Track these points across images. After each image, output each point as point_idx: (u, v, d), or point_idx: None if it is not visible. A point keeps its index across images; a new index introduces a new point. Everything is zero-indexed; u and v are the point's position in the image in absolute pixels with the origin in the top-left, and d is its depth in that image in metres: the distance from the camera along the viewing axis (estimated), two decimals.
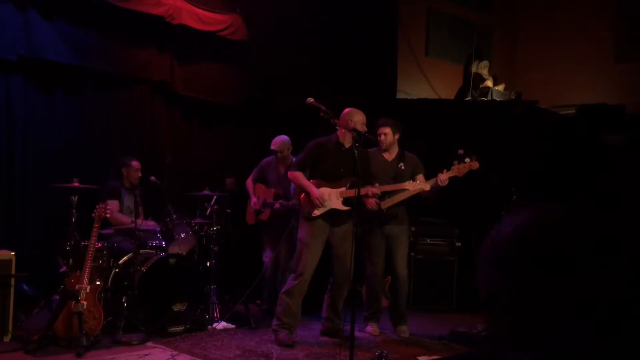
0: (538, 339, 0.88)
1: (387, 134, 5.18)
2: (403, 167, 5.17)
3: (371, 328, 5.23)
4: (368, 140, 4.50)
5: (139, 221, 4.97)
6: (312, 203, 4.72)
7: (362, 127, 4.70)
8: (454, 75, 8.75)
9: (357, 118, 4.75)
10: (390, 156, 5.24)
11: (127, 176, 5.55)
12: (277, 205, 5.66)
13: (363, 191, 4.63)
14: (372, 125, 5.11)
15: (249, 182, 5.97)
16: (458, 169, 4.91)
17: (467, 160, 4.89)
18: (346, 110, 4.83)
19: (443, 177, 4.81)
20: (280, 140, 5.77)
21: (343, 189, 4.74)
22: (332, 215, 4.77)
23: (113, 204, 5.34)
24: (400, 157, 5.22)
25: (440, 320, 5.94)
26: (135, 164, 5.57)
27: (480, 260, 1.03)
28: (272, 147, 5.77)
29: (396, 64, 8.05)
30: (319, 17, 7.14)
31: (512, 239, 0.94)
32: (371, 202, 4.93)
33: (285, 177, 5.29)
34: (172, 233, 5.38)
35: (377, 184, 4.80)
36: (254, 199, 5.87)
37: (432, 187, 4.87)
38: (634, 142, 7.43)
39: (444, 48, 9.04)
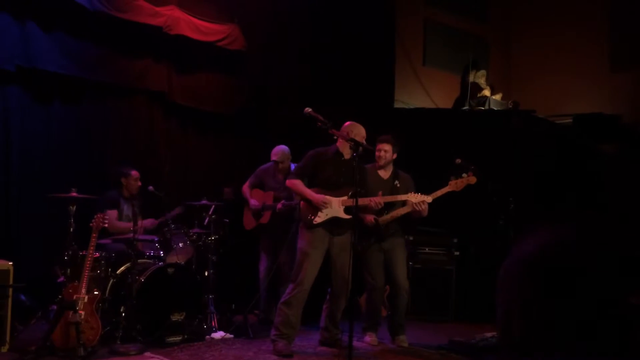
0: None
1: (387, 151, 5.18)
2: (399, 185, 5.17)
3: (369, 338, 5.22)
4: (366, 149, 4.50)
5: (141, 226, 4.96)
6: (312, 211, 4.72)
7: (361, 141, 4.71)
8: (451, 84, 8.80)
9: (357, 131, 4.77)
10: (385, 174, 5.24)
11: (127, 186, 5.56)
12: (279, 206, 5.62)
13: (366, 201, 4.66)
14: (371, 135, 5.12)
15: (246, 187, 5.95)
16: (455, 184, 4.92)
17: (465, 175, 4.92)
18: (347, 123, 4.85)
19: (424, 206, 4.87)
20: (281, 151, 5.79)
21: (344, 197, 4.75)
22: (332, 225, 4.77)
23: (112, 214, 5.36)
24: (395, 176, 5.23)
25: (438, 329, 5.93)
26: (134, 173, 5.58)
27: (500, 282, 1.08)
28: (273, 157, 5.77)
29: (394, 74, 8.09)
30: (316, 28, 7.18)
31: (537, 257, 1.00)
32: (369, 219, 4.95)
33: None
34: (170, 243, 5.37)
35: (380, 192, 4.81)
36: (252, 201, 5.86)
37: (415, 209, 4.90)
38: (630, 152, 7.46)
39: (441, 58, 9.09)
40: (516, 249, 1.04)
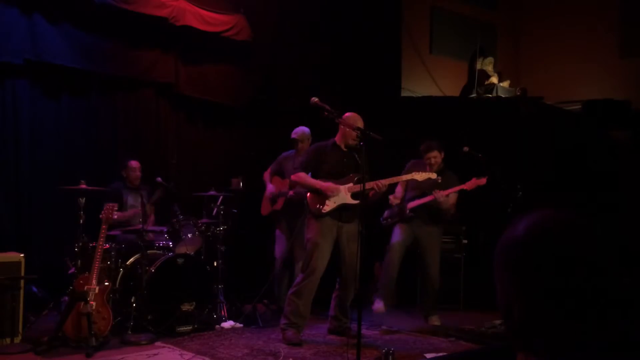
0: (549, 349, 0.93)
1: (437, 157, 5.27)
2: (439, 181, 5.17)
3: (378, 304, 5.28)
4: (372, 138, 4.49)
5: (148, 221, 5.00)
6: (320, 200, 4.74)
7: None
8: (458, 72, 8.74)
9: (352, 122, 4.76)
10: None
11: (128, 177, 5.63)
12: (291, 193, 5.68)
13: (371, 184, 4.67)
14: (379, 124, 5.10)
15: (266, 174, 6.00)
16: (467, 184, 5.13)
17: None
18: (345, 115, 4.82)
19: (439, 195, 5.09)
20: (302, 130, 5.81)
21: (350, 184, 4.77)
22: (340, 214, 4.78)
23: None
24: (440, 172, 5.23)
25: (447, 317, 5.93)
26: (133, 163, 5.62)
27: (496, 264, 1.07)
28: (293, 135, 5.79)
29: (400, 62, 8.05)
30: (322, 17, 7.15)
31: (525, 242, 0.99)
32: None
33: None
34: (179, 233, 5.41)
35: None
36: (270, 186, 5.89)
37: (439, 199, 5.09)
38: None
39: (448, 46, 9.03)
40: (509, 231, 1.04)
